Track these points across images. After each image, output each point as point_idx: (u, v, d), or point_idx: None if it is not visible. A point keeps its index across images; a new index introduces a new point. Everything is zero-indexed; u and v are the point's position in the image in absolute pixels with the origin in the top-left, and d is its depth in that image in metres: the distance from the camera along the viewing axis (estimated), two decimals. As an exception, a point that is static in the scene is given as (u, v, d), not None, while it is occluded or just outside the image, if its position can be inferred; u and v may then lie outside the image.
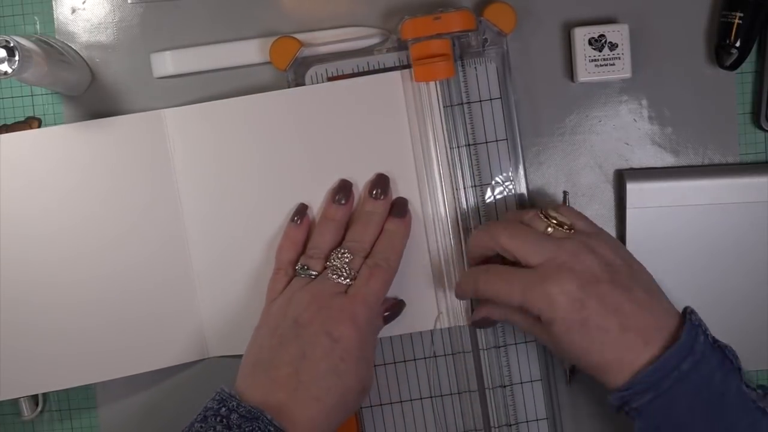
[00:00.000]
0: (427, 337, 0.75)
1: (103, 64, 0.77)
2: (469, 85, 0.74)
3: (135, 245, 0.74)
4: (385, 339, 0.75)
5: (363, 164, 0.73)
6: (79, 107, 0.77)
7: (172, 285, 0.74)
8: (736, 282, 0.75)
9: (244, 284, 0.75)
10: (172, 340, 0.75)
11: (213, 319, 0.75)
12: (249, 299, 0.74)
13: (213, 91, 0.76)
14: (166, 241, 0.74)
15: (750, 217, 0.74)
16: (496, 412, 0.75)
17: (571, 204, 0.77)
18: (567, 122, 0.77)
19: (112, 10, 0.77)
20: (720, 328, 0.75)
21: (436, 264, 0.74)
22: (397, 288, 0.72)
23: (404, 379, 0.76)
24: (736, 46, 0.73)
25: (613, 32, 0.73)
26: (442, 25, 0.71)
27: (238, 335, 0.73)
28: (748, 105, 0.77)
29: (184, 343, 0.75)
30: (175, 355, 0.75)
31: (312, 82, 0.74)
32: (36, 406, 0.78)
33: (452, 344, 0.75)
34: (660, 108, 0.76)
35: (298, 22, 0.76)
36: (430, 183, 0.73)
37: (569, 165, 0.77)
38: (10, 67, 0.63)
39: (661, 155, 0.77)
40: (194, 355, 0.75)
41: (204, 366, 0.78)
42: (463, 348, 0.75)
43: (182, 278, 0.74)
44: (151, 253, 0.74)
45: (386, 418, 0.76)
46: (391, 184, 0.73)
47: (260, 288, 0.73)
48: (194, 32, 0.76)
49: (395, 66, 0.74)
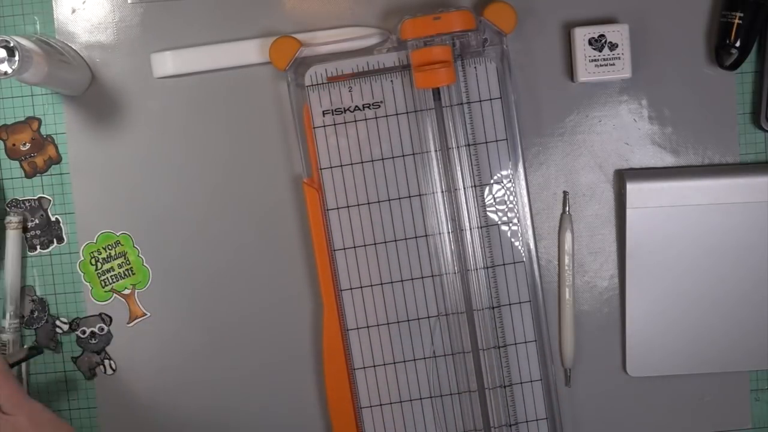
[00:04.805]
0: (426, 337, 0.75)
1: (103, 64, 0.77)
2: (469, 84, 0.73)
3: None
4: (384, 339, 0.75)
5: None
6: (79, 107, 0.77)
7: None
8: (736, 282, 0.75)
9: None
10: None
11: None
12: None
13: (213, 91, 0.77)
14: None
15: (750, 217, 0.74)
16: (496, 413, 0.75)
17: (571, 204, 0.77)
18: (567, 122, 0.77)
19: (112, 10, 0.77)
20: (720, 328, 0.76)
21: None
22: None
23: (404, 379, 0.76)
24: (736, 46, 0.73)
25: (613, 32, 0.73)
26: (442, 25, 0.71)
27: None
28: (748, 105, 0.77)
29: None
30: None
31: (312, 82, 0.74)
32: None
33: (452, 344, 0.75)
34: (660, 108, 0.76)
35: (298, 22, 0.76)
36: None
37: (569, 165, 0.77)
38: (10, 67, 0.63)
39: (661, 155, 0.77)
40: None
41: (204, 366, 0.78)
42: (463, 348, 0.75)
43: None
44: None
45: (386, 418, 0.76)
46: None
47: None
48: (194, 32, 0.76)
49: (394, 66, 0.74)
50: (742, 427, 0.78)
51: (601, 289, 0.78)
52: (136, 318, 0.79)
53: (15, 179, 0.78)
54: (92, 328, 0.79)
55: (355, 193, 0.75)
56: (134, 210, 0.78)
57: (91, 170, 0.78)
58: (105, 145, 0.78)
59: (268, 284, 0.78)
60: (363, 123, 0.74)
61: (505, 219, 0.74)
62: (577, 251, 0.77)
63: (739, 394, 0.78)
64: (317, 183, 0.75)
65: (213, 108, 0.77)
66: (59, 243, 0.79)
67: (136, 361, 0.79)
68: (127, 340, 0.78)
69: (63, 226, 0.78)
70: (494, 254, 0.74)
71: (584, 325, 0.78)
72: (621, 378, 0.78)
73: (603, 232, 0.77)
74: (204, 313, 0.78)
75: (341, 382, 0.76)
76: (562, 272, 0.77)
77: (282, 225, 0.77)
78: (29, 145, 0.78)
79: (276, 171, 0.77)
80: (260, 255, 0.78)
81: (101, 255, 0.78)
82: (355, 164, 0.74)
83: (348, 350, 0.75)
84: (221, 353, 0.78)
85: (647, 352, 0.76)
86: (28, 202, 0.78)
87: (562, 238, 0.77)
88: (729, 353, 0.76)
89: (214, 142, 0.77)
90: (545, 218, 0.77)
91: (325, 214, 0.75)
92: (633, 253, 0.75)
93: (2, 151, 0.78)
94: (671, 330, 0.76)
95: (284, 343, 0.78)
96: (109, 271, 0.78)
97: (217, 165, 0.77)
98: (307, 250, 0.77)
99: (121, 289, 0.78)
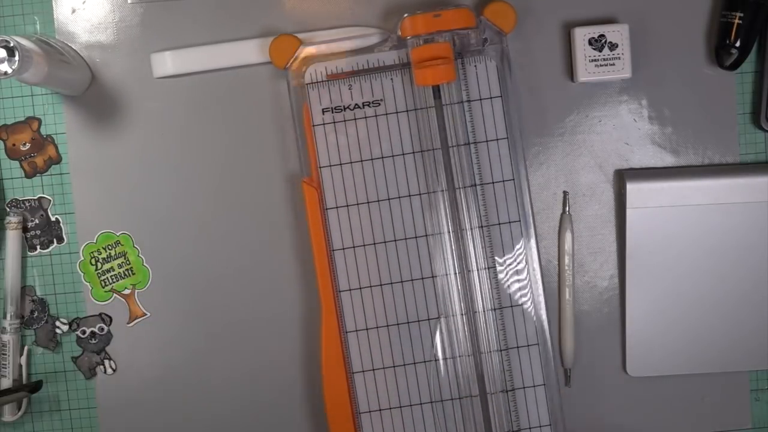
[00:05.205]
0: (427, 340, 0.75)
1: (103, 64, 0.77)
2: (469, 83, 0.73)
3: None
4: (384, 342, 0.75)
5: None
6: (79, 107, 0.77)
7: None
8: (736, 282, 0.75)
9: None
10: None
11: None
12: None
13: (213, 91, 0.77)
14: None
15: (750, 217, 0.74)
16: (498, 418, 0.75)
17: (571, 204, 0.77)
18: (567, 122, 0.77)
19: (112, 10, 0.77)
20: (720, 328, 0.76)
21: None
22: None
23: (404, 383, 0.75)
24: (736, 46, 0.73)
25: (613, 32, 0.73)
26: (442, 22, 0.71)
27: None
28: (748, 105, 0.77)
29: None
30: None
31: (312, 80, 0.74)
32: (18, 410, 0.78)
33: (453, 347, 0.75)
34: (660, 108, 0.76)
35: (298, 22, 0.76)
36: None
37: (569, 165, 0.77)
38: (10, 67, 0.64)
39: (661, 155, 0.77)
40: None
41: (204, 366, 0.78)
42: (464, 351, 0.75)
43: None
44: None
45: (385, 423, 0.75)
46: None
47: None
48: (194, 32, 0.77)
49: (394, 64, 0.74)
50: (742, 427, 0.78)
51: (601, 289, 0.78)
52: (136, 318, 0.78)
53: (15, 179, 0.78)
54: (92, 328, 0.79)
55: (354, 192, 0.74)
56: (134, 210, 0.78)
57: (91, 170, 0.78)
58: (105, 145, 0.78)
59: (268, 284, 0.78)
60: (363, 121, 0.74)
61: (506, 219, 0.74)
62: (577, 251, 0.77)
63: (739, 394, 0.78)
64: (316, 182, 0.74)
65: (212, 108, 0.77)
66: (59, 243, 0.79)
67: (136, 361, 0.79)
68: (127, 340, 0.78)
69: (63, 226, 0.78)
70: (495, 254, 0.74)
71: (584, 325, 0.78)
72: (621, 378, 0.78)
73: (603, 232, 0.77)
74: (204, 313, 0.78)
75: (340, 386, 0.75)
76: (562, 272, 0.77)
77: (282, 225, 0.77)
78: (29, 145, 0.78)
79: (275, 171, 0.77)
80: (260, 255, 0.78)
81: (101, 255, 0.78)
82: (354, 163, 0.74)
83: (347, 353, 0.75)
84: (221, 353, 0.78)
85: (647, 352, 0.76)
86: (28, 202, 0.78)
87: (562, 238, 0.77)
88: (729, 353, 0.76)
89: (214, 142, 0.77)
90: (545, 218, 0.77)
91: (324, 213, 0.74)
92: (633, 253, 0.75)
93: (2, 151, 0.78)
94: (671, 330, 0.76)
95: (284, 343, 0.78)
96: (109, 271, 0.78)
97: (216, 165, 0.77)
98: (307, 250, 0.77)
99: (121, 289, 0.78)
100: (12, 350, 0.77)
